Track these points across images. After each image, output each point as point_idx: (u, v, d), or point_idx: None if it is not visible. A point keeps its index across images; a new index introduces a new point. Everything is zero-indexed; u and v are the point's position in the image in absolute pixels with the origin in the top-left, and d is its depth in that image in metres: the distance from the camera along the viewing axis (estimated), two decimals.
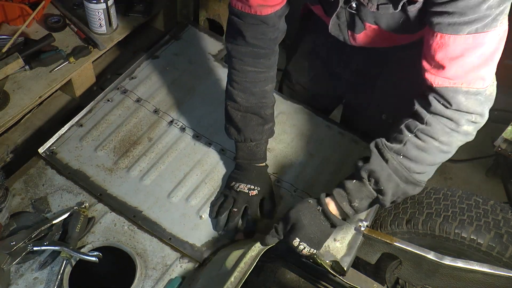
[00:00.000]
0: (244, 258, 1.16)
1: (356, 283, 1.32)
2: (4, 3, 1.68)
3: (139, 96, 1.64)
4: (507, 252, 1.43)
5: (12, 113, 1.51)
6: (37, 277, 1.21)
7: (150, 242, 1.31)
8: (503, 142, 2.17)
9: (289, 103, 1.71)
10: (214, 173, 1.48)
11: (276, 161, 1.54)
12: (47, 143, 1.47)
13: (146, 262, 1.26)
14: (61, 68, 1.64)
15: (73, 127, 1.54)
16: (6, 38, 1.63)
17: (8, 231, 1.25)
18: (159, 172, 1.47)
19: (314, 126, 1.66)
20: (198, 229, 1.36)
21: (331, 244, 1.36)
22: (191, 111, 1.64)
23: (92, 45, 1.72)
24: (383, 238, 1.37)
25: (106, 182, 1.42)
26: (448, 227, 1.48)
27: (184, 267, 1.27)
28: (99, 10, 1.68)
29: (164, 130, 1.57)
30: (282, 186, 1.48)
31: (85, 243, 1.27)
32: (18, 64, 1.55)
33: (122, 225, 1.33)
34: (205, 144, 1.55)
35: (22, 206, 1.34)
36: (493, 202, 1.58)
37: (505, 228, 1.47)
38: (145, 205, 1.39)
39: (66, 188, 1.39)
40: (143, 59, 1.76)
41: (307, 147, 1.59)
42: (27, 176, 1.41)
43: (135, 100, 1.63)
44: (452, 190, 1.64)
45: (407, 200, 1.66)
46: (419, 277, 1.54)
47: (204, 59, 1.81)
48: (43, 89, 1.58)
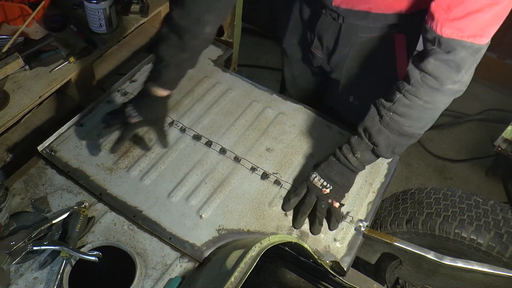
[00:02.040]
0: (244, 258, 1.16)
1: (356, 283, 1.32)
2: (4, 3, 1.68)
3: None
4: (507, 252, 1.43)
5: (12, 113, 1.51)
6: (37, 277, 1.21)
7: (150, 241, 1.31)
8: (503, 142, 2.17)
9: (289, 103, 1.71)
10: (214, 173, 1.48)
11: (276, 161, 1.54)
12: (46, 141, 1.48)
13: (146, 262, 1.26)
14: (61, 68, 1.64)
15: (73, 126, 1.54)
16: (6, 38, 1.63)
17: (8, 231, 1.25)
18: (159, 172, 1.47)
19: (314, 126, 1.66)
20: (198, 228, 1.36)
21: (331, 244, 1.36)
22: (191, 113, 1.64)
23: (92, 45, 1.72)
24: (383, 238, 1.38)
25: (106, 182, 1.42)
26: (448, 227, 1.48)
27: (184, 267, 1.27)
28: (99, 10, 1.68)
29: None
30: (282, 186, 1.48)
31: (85, 242, 1.27)
32: (18, 64, 1.56)
33: (122, 225, 1.33)
34: (205, 144, 1.56)
35: (22, 206, 1.34)
36: (493, 202, 1.58)
37: (505, 228, 1.47)
38: (145, 205, 1.39)
39: (66, 188, 1.39)
40: (143, 63, 1.77)
41: (307, 147, 1.59)
42: (27, 176, 1.41)
43: None
44: (452, 190, 1.64)
45: (407, 200, 1.66)
46: (419, 277, 1.54)
47: (204, 64, 1.82)
48: (43, 89, 1.58)
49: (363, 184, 1.51)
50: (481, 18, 1.07)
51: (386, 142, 1.31)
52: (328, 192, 1.37)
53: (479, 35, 1.10)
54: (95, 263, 1.19)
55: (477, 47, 1.12)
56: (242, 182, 1.47)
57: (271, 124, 1.65)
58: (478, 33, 1.10)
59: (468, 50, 1.12)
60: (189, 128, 1.59)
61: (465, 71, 1.16)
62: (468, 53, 1.12)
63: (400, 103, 1.25)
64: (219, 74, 1.79)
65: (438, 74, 1.17)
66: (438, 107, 1.25)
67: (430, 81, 1.19)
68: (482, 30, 1.09)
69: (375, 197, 1.48)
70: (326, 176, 1.39)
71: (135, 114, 1.37)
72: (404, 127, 1.28)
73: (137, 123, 1.39)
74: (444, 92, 1.20)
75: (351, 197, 1.47)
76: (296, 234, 1.38)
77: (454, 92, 1.21)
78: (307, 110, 1.70)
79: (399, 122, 1.27)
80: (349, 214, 1.42)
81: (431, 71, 1.17)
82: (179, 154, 1.52)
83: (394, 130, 1.29)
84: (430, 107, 1.24)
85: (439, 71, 1.16)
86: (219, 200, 1.42)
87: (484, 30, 1.09)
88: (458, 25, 1.09)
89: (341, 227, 1.40)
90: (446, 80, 1.17)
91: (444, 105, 1.25)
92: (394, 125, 1.28)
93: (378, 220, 1.65)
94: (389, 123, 1.28)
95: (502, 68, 3.25)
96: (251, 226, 1.38)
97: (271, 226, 1.39)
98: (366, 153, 1.36)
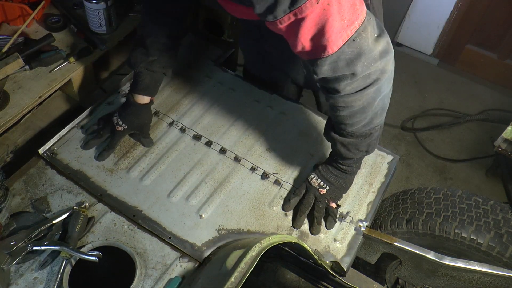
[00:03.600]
0: (244, 258, 1.16)
1: (356, 283, 1.32)
2: (4, 3, 1.68)
3: None
4: (507, 252, 1.43)
5: (12, 113, 1.51)
6: (37, 277, 1.21)
7: (150, 241, 1.31)
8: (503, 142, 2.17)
9: (289, 103, 1.71)
10: (214, 173, 1.48)
11: (276, 161, 1.54)
12: (47, 144, 1.48)
13: (146, 262, 1.26)
14: (61, 68, 1.64)
15: (74, 128, 1.54)
16: (6, 38, 1.63)
17: (8, 231, 1.25)
18: (159, 172, 1.47)
19: (314, 126, 1.66)
20: (198, 228, 1.36)
21: (331, 244, 1.36)
22: (191, 113, 1.64)
23: (92, 45, 1.72)
24: (383, 238, 1.38)
25: (106, 183, 1.42)
26: (448, 227, 1.48)
27: (184, 267, 1.27)
28: (99, 10, 1.68)
29: (164, 131, 1.58)
30: (282, 186, 1.48)
31: (85, 242, 1.27)
32: (18, 64, 1.56)
33: (122, 225, 1.33)
34: (205, 144, 1.56)
35: (22, 206, 1.34)
36: (493, 202, 1.58)
37: (505, 228, 1.47)
38: (145, 205, 1.39)
39: (66, 188, 1.39)
40: None
41: (307, 147, 1.59)
42: (27, 176, 1.41)
43: None
44: (452, 190, 1.64)
45: (407, 200, 1.66)
46: (419, 277, 1.54)
47: (204, 64, 1.83)
48: (43, 89, 1.58)
49: (363, 184, 1.51)
50: (302, 35, 1.00)
51: (372, 147, 1.32)
52: (325, 192, 1.39)
53: (315, 47, 1.03)
54: (95, 263, 1.19)
55: (326, 60, 1.05)
56: (242, 182, 1.47)
57: (271, 124, 1.65)
58: (312, 47, 1.03)
59: (325, 63, 1.05)
60: (189, 128, 1.59)
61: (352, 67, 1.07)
62: (330, 65, 1.06)
63: (350, 122, 1.20)
64: (219, 74, 1.80)
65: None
66: (382, 93, 1.17)
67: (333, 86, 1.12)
68: (309, 42, 1.02)
69: (375, 197, 1.48)
70: (323, 177, 1.40)
71: (121, 123, 1.48)
72: (371, 128, 1.25)
73: (124, 131, 1.49)
74: (354, 80, 1.09)
75: (351, 197, 1.47)
76: (296, 234, 1.38)
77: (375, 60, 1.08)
78: (307, 110, 1.70)
79: (366, 133, 1.24)
80: (349, 214, 1.42)
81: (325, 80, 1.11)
82: (179, 154, 1.52)
83: (367, 139, 1.26)
84: (370, 100, 1.16)
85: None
86: (219, 200, 1.42)
87: (310, 40, 1.02)
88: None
89: (341, 227, 1.40)
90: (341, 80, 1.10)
91: (384, 83, 1.14)
92: (367, 139, 1.26)
93: (378, 220, 1.65)
94: (361, 142, 1.26)
95: (502, 68, 3.25)
96: (251, 226, 1.38)
97: (271, 226, 1.39)
98: (357, 160, 1.38)
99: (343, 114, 1.18)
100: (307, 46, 1.03)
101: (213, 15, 1.91)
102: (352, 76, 1.08)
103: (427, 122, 3.12)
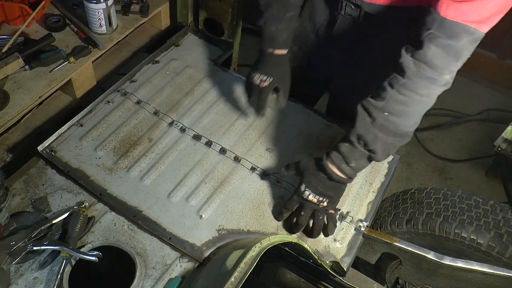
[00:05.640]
0: (244, 258, 1.16)
1: (356, 283, 1.32)
2: (4, 3, 1.68)
3: (140, 98, 1.65)
4: (507, 252, 1.43)
5: (12, 113, 1.51)
6: (37, 277, 1.21)
7: (150, 241, 1.31)
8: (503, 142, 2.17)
9: (289, 103, 1.70)
10: (214, 173, 1.48)
11: (276, 161, 1.54)
12: (46, 141, 1.48)
13: (146, 262, 1.26)
14: (61, 68, 1.64)
15: (73, 126, 1.54)
16: (6, 38, 1.63)
17: (8, 231, 1.25)
18: (159, 172, 1.47)
19: (314, 126, 1.66)
20: (198, 228, 1.36)
21: (331, 244, 1.36)
22: (191, 113, 1.64)
23: (92, 45, 1.72)
24: (383, 238, 1.38)
25: (106, 182, 1.42)
26: (448, 227, 1.48)
27: (184, 267, 1.27)
28: (99, 10, 1.68)
29: (164, 131, 1.57)
30: (282, 186, 1.48)
31: (85, 242, 1.27)
32: (18, 64, 1.56)
33: (122, 225, 1.33)
34: (205, 144, 1.55)
35: (22, 206, 1.34)
36: (493, 202, 1.58)
37: (505, 228, 1.47)
38: (145, 205, 1.39)
39: (66, 188, 1.39)
40: (143, 64, 1.77)
41: (307, 147, 1.59)
42: (27, 176, 1.41)
43: (135, 102, 1.64)
44: (452, 190, 1.64)
45: (407, 200, 1.66)
46: (419, 277, 1.54)
47: (204, 64, 1.83)
48: (43, 89, 1.58)
49: (363, 184, 1.51)
50: (487, 5, 1.04)
51: (383, 147, 1.23)
52: (325, 205, 1.32)
53: (483, 22, 1.06)
54: (95, 263, 1.18)
55: (478, 36, 1.08)
56: (242, 182, 1.47)
57: (271, 124, 1.65)
58: (482, 19, 1.06)
59: (469, 38, 1.08)
60: (189, 128, 1.59)
61: (461, 61, 1.12)
62: (468, 41, 1.08)
63: (394, 100, 1.17)
64: (219, 74, 1.79)
65: (436, 63, 1.11)
66: (432, 100, 1.18)
67: (428, 71, 1.12)
68: (485, 17, 1.06)
69: (375, 197, 1.48)
70: (320, 193, 1.31)
71: (265, 78, 1.45)
72: (400, 127, 1.20)
73: (269, 84, 1.46)
74: (440, 83, 1.14)
75: (351, 197, 1.47)
76: (296, 235, 1.38)
77: (447, 83, 1.15)
78: (307, 110, 1.70)
79: (395, 122, 1.19)
80: (349, 214, 1.42)
81: (429, 59, 1.11)
82: (179, 154, 1.52)
83: (389, 132, 1.21)
84: (425, 100, 1.17)
85: (438, 59, 1.11)
86: (219, 200, 1.42)
87: (488, 17, 1.06)
88: (463, 8, 1.05)
89: (341, 227, 1.40)
90: (444, 69, 1.12)
91: (436, 97, 1.18)
92: (390, 126, 1.20)
93: (378, 220, 1.65)
94: (384, 125, 1.20)
95: (502, 68, 3.25)
96: (251, 226, 1.38)
97: (271, 226, 1.39)
98: (361, 161, 1.28)
99: (410, 99, 1.16)
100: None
101: (213, 15, 1.91)
102: (454, 61, 1.11)
103: (427, 122, 3.12)
